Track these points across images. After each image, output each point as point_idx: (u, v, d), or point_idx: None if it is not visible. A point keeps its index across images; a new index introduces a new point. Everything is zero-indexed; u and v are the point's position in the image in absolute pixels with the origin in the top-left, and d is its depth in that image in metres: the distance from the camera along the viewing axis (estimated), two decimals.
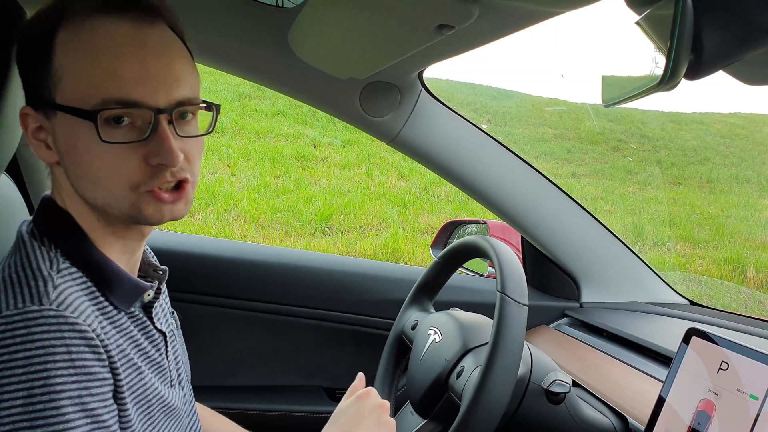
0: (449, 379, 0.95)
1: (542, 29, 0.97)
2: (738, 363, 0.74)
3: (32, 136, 0.72)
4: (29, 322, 0.62)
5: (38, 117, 0.70)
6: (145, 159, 0.67)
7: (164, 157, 0.67)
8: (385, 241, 5.22)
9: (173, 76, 0.68)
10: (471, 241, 1.06)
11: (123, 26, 0.66)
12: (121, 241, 0.75)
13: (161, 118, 0.67)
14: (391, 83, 1.22)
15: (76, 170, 0.69)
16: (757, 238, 6.30)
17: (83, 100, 0.65)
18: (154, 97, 0.66)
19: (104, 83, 0.65)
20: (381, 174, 7.14)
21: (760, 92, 19.07)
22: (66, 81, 0.66)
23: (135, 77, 0.65)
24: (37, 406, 0.61)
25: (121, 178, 0.67)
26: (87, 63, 0.65)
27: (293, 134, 7.90)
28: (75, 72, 0.66)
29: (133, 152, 0.67)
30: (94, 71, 0.65)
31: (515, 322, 0.84)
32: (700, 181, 8.45)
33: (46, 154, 0.72)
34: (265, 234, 5.22)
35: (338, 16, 0.91)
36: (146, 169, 0.68)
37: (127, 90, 0.65)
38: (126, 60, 0.65)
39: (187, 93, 0.69)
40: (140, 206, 0.69)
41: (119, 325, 0.72)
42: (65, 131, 0.68)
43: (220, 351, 1.50)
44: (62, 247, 0.71)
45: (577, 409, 0.95)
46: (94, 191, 0.69)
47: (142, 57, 0.66)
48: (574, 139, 9.41)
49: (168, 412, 0.79)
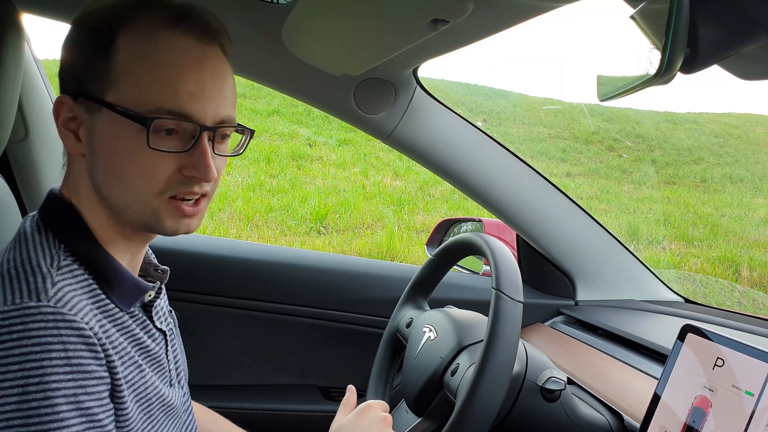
0: (444, 377, 0.94)
1: (538, 26, 0.96)
2: (733, 359, 0.73)
3: (63, 126, 0.72)
4: (26, 318, 0.62)
5: (76, 108, 0.71)
6: (180, 170, 0.70)
7: (200, 170, 0.70)
8: (381, 240, 5.22)
9: (223, 96, 0.71)
10: (466, 239, 1.05)
11: (186, 42, 0.69)
12: (127, 242, 0.75)
13: (204, 134, 0.70)
14: (386, 80, 1.22)
15: (108, 167, 0.70)
16: (751, 237, 6.34)
17: (137, 104, 0.68)
18: (203, 113, 0.69)
19: (161, 93, 0.68)
20: (376, 173, 7.14)
21: (753, 92, 19.18)
22: (123, 83, 0.68)
23: (191, 92, 0.68)
24: (31, 404, 0.60)
25: (152, 183, 0.70)
26: (148, 71, 0.68)
27: (288, 133, 7.89)
28: (135, 76, 0.68)
29: (170, 162, 0.70)
30: (154, 80, 0.68)
31: (510, 318, 0.84)
32: (695, 180, 8.49)
33: (73, 145, 0.72)
34: (260, 233, 5.21)
35: (332, 11, 0.90)
36: (177, 178, 0.70)
37: (182, 103, 0.68)
38: (186, 75, 0.68)
39: (230, 114, 0.73)
40: (160, 215, 0.71)
41: (120, 324, 0.73)
42: (108, 129, 0.69)
43: (214, 350, 1.49)
44: (66, 242, 0.71)
45: (572, 406, 0.95)
46: (121, 191, 0.70)
47: (200, 74, 0.69)
48: (569, 139, 9.44)
49: (167, 410, 0.79)
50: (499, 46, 20.25)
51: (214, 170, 0.71)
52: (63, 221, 0.73)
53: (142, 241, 0.78)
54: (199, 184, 0.72)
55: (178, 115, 0.68)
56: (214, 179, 0.72)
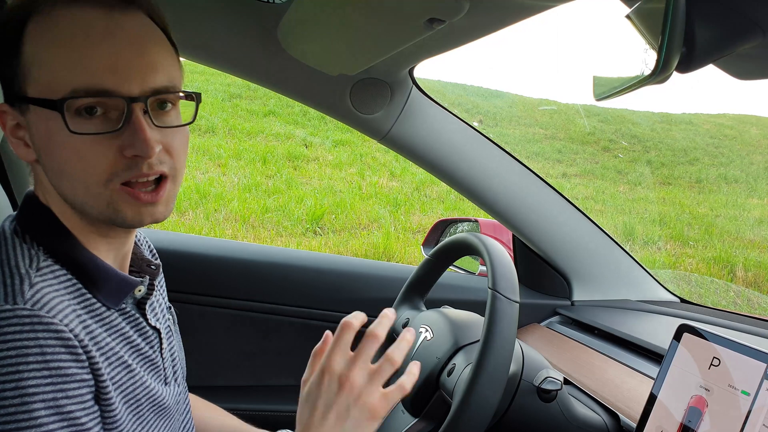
0: (440, 377, 0.94)
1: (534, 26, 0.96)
2: (729, 359, 0.73)
3: (11, 134, 0.70)
4: (2, 322, 0.60)
5: (15, 114, 0.68)
6: (120, 151, 0.65)
7: (139, 147, 0.64)
8: (377, 240, 5.22)
9: (148, 63, 0.65)
10: (462, 239, 1.05)
11: (92, 14, 0.64)
12: (107, 239, 0.73)
13: (135, 107, 0.64)
14: (382, 80, 1.22)
15: (52, 166, 0.67)
16: (746, 237, 6.36)
17: (52, 91, 0.63)
18: (127, 85, 0.64)
19: (72, 72, 0.63)
20: (373, 174, 7.14)
21: (747, 93, 19.26)
22: (35, 72, 0.64)
23: (105, 65, 0.63)
24: (8, 409, 0.59)
25: (95, 172, 0.65)
26: (55, 52, 0.63)
27: (284, 134, 7.88)
28: (43, 62, 0.64)
29: (107, 144, 0.64)
30: (62, 60, 0.63)
31: (506, 318, 0.84)
32: (690, 181, 8.52)
33: (24, 152, 0.70)
34: (255, 234, 5.20)
35: (328, 11, 0.90)
36: (121, 161, 0.65)
37: (98, 79, 0.63)
38: (96, 48, 0.63)
39: (163, 81, 0.67)
40: (117, 206, 0.67)
41: (108, 323, 0.71)
42: (39, 125, 0.66)
43: (209, 350, 1.48)
44: (45, 244, 0.69)
45: (568, 406, 0.94)
46: (72, 188, 0.67)
47: (112, 44, 0.63)
48: (565, 140, 9.46)
49: (159, 410, 0.77)
50: (496, 46, 20.29)
51: (156, 144, 0.65)
52: (40, 223, 0.71)
53: (121, 235, 0.74)
54: (147, 164, 0.65)
55: (96, 93, 0.63)
56: (156, 154, 0.65)
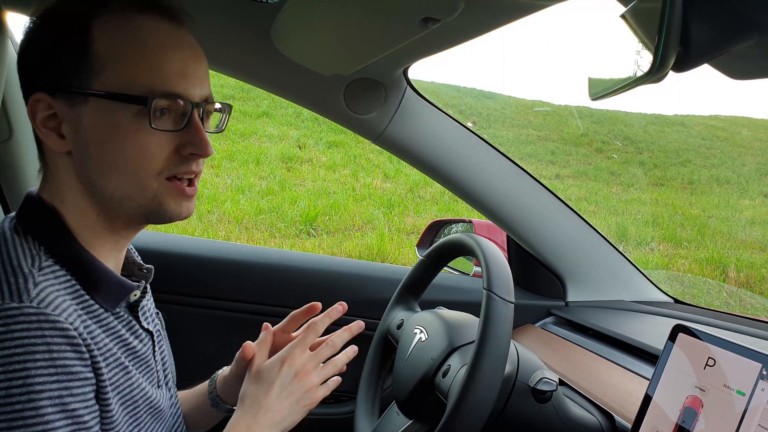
0: (435, 379, 0.94)
1: (529, 26, 0.96)
2: (724, 359, 0.73)
3: (41, 125, 0.71)
4: (9, 320, 0.61)
5: (56, 104, 0.70)
6: (177, 149, 0.72)
7: (198, 146, 0.72)
8: (371, 242, 5.21)
9: (203, 74, 0.74)
10: (456, 239, 1.05)
11: (165, 25, 0.71)
12: (114, 239, 0.75)
13: (195, 111, 0.72)
14: (376, 80, 1.21)
15: (101, 158, 0.70)
16: (738, 238, 6.40)
17: (129, 89, 0.68)
18: (192, 92, 0.72)
19: (151, 75, 0.69)
20: (366, 175, 7.13)
21: (739, 95, 19.39)
22: (110, 70, 0.68)
23: (177, 71, 0.70)
24: (15, 406, 0.59)
25: (151, 165, 0.70)
26: (133, 56, 0.69)
27: (278, 135, 7.86)
28: (121, 63, 0.69)
29: (166, 142, 0.71)
30: (140, 64, 0.69)
31: (502, 319, 0.83)
32: (682, 182, 8.57)
33: (56, 143, 0.71)
34: (249, 235, 5.18)
35: (322, 10, 0.89)
36: (174, 157, 0.72)
37: (171, 84, 0.70)
38: (170, 55, 0.70)
39: (210, 92, 0.75)
40: (161, 199, 0.72)
41: (106, 325, 0.72)
42: (98, 118, 0.69)
43: (201, 353, 1.47)
44: (46, 244, 0.70)
45: (563, 407, 0.94)
46: (117, 180, 0.70)
47: (182, 55, 0.71)
48: (558, 141, 9.49)
49: (154, 413, 0.78)
50: (490, 47, 20.34)
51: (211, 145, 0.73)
52: (42, 224, 0.71)
53: (129, 237, 0.77)
54: (196, 162, 0.73)
55: (170, 95, 0.69)
56: (212, 154, 0.74)
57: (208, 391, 0.97)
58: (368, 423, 1.08)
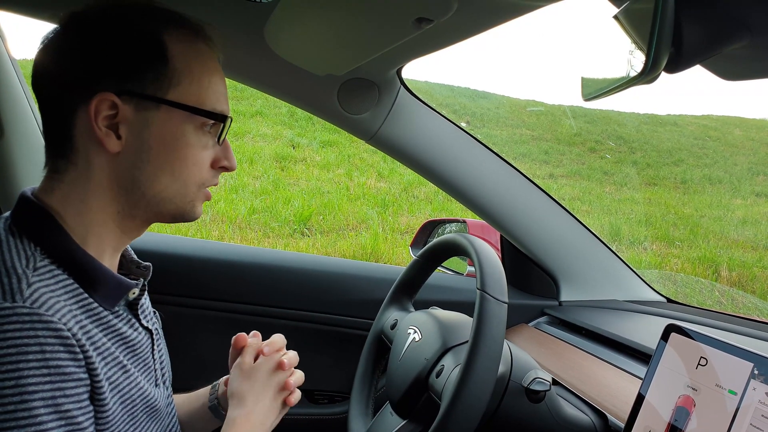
0: (429, 379, 0.94)
1: (523, 26, 0.96)
2: (716, 359, 0.74)
3: (101, 123, 0.72)
4: (1, 320, 0.61)
5: (122, 106, 0.71)
6: (212, 163, 0.79)
7: (230, 162, 0.81)
8: (365, 241, 5.21)
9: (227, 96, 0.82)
10: (450, 239, 1.05)
11: (210, 50, 0.79)
12: (120, 238, 0.76)
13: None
14: (370, 80, 1.21)
15: (160, 161, 0.74)
16: (730, 237, 6.44)
17: (199, 104, 0.76)
18: (227, 111, 0.80)
19: (211, 95, 0.77)
20: (360, 175, 7.13)
21: (731, 95, 19.51)
22: (185, 85, 0.75)
23: (222, 93, 0.79)
24: (8, 407, 0.59)
25: (200, 174, 0.77)
26: (199, 75, 0.76)
27: (272, 135, 7.85)
28: (193, 80, 0.75)
29: (207, 155, 0.78)
30: (205, 83, 0.77)
31: (495, 319, 0.84)
32: (675, 181, 8.61)
33: (113, 143, 0.72)
34: (243, 235, 5.17)
35: (315, 10, 0.89)
36: (209, 171, 0.79)
37: (221, 103, 0.78)
38: (218, 79, 0.79)
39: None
40: (195, 203, 0.79)
41: (105, 324, 0.72)
42: (167, 125, 0.74)
43: (196, 353, 1.47)
44: (42, 244, 0.69)
45: (557, 407, 0.94)
46: (169, 183, 0.75)
47: (222, 77, 0.80)
48: (552, 141, 9.52)
49: (151, 411, 0.78)
50: (483, 47, 20.39)
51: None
52: (37, 224, 0.71)
53: (135, 236, 0.79)
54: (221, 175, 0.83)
55: (222, 115, 0.78)
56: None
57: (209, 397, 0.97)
58: (362, 423, 1.08)
